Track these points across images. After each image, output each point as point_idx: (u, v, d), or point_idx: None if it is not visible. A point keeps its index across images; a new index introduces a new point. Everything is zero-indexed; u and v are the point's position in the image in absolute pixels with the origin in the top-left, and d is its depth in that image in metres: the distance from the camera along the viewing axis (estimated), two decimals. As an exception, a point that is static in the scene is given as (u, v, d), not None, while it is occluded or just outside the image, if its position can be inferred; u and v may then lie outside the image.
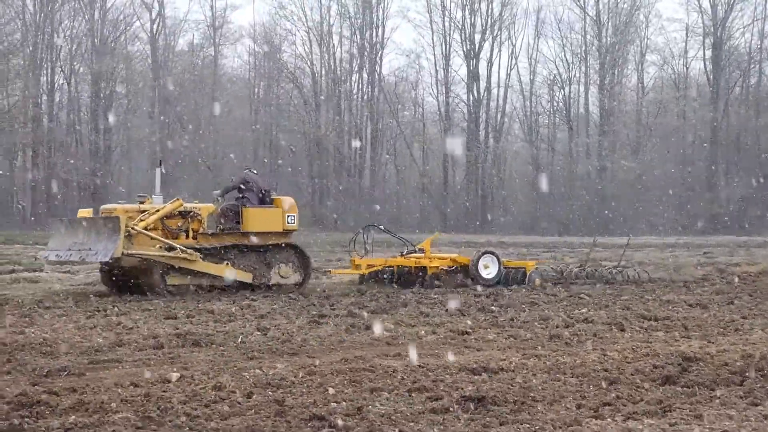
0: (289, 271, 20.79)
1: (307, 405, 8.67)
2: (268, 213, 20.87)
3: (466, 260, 22.84)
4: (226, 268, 19.85)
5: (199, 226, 20.20)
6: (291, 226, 21.04)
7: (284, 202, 21.23)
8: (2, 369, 10.35)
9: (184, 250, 19.25)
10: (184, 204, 20.25)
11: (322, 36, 74.53)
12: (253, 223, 20.57)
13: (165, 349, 12.02)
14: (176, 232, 19.88)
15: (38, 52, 66.15)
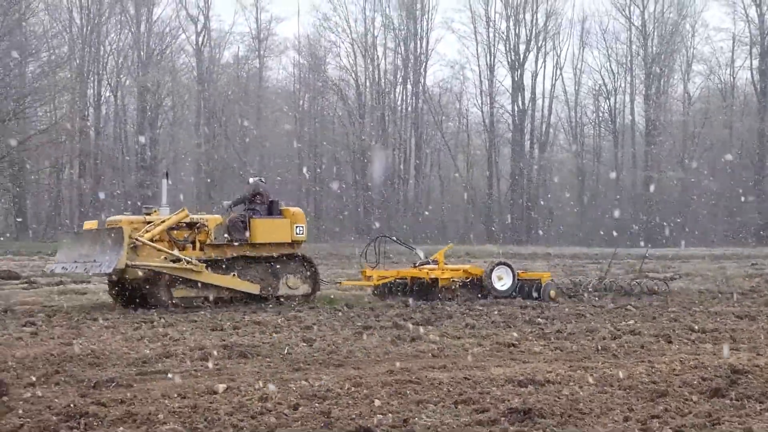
0: (298, 282, 20.60)
1: (354, 417, 8.66)
2: (276, 224, 20.69)
3: (479, 271, 22.38)
4: (233, 279, 19.76)
5: (206, 237, 20.02)
6: (299, 236, 20.78)
7: (292, 212, 21.04)
8: (51, 380, 10.41)
9: (189, 261, 19.10)
10: (190, 215, 20.08)
11: (367, 48, 74.72)
12: (261, 234, 20.36)
13: (212, 360, 12.05)
14: (183, 244, 19.72)
15: (85, 65, 66.79)
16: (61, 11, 66.82)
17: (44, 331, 14.92)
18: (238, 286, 19.84)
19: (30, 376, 10.62)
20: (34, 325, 15.73)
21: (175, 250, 19.38)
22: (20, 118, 58.95)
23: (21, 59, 58.71)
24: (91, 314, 17.66)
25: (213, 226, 20.27)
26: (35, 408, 8.81)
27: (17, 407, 8.83)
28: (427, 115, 75.17)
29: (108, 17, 69.07)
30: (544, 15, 75.77)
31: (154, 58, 69.94)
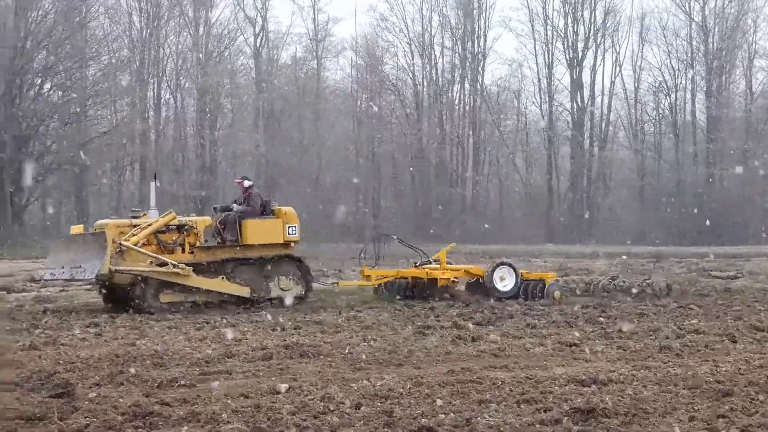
0: (290, 284, 20.13)
1: (416, 416, 8.66)
2: (267, 224, 20.25)
3: (480, 272, 21.92)
4: (221, 282, 19.38)
5: (195, 239, 19.71)
6: (292, 237, 20.35)
7: (284, 212, 20.60)
8: (115, 380, 10.52)
9: (175, 265, 18.75)
10: (179, 217, 19.81)
11: (424, 47, 74.59)
12: (253, 235, 19.95)
13: (273, 360, 12.11)
14: (171, 247, 19.43)
15: (145, 68, 67.34)
16: (121, 15, 67.42)
17: (108, 332, 15.10)
18: (228, 289, 19.44)
19: (95, 377, 10.75)
20: (98, 326, 15.91)
21: (163, 253, 19.16)
22: (82, 121, 59.59)
23: (82, 63, 59.34)
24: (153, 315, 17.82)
25: (202, 228, 19.95)
26: (100, 408, 8.92)
27: (83, 407, 8.95)
28: (485, 114, 74.86)
29: (167, 20, 69.57)
30: (602, 12, 75.12)
31: (213, 60, 70.32)
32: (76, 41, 58.05)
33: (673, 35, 75.83)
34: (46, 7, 57.21)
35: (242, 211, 20.21)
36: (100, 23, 63.41)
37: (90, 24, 61.17)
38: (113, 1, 65.45)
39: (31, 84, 56.51)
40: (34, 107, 55.95)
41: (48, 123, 58.00)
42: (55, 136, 58.14)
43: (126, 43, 66.88)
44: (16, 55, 54.14)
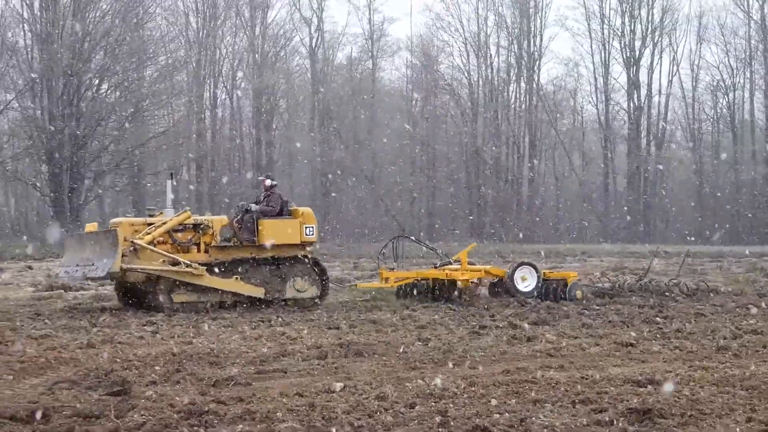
0: (306, 285, 19.81)
1: (470, 416, 8.64)
2: (284, 224, 19.87)
3: (501, 272, 21.59)
4: (235, 282, 19.16)
5: (211, 239, 19.48)
6: (309, 237, 19.93)
7: (302, 212, 20.20)
8: (172, 378, 10.59)
9: (188, 265, 18.62)
10: (194, 216, 19.72)
11: (480, 46, 74.50)
12: (269, 235, 19.57)
13: (328, 359, 12.13)
14: (186, 246, 19.27)
15: (201, 68, 67.81)
16: (178, 15, 67.98)
17: (165, 330, 15.20)
18: (241, 289, 19.22)
19: (151, 375, 10.83)
20: (154, 324, 16.02)
21: (179, 252, 19.07)
22: (138, 122, 60.10)
23: (139, 63, 59.87)
24: (209, 313, 17.94)
25: (218, 227, 19.69)
26: (157, 405, 8.98)
27: (139, 405, 9.01)
28: (541, 113, 74.62)
29: (223, 20, 70.04)
30: (660, 11, 74.63)
31: (269, 61, 70.68)
32: (133, 42, 58.54)
33: (732, 34, 75.18)
34: (104, 8, 57.74)
35: (260, 211, 19.95)
36: (157, 24, 63.99)
37: (147, 25, 61.69)
38: (170, 2, 66.04)
39: (88, 84, 57.06)
40: (91, 107, 56.51)
41: (105, 123, 58.54)
42: (113, 136, 58.67)
43: (183, 44, 67.43)
44: (74, 56, 54.72)
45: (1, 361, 11.66)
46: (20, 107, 58.96)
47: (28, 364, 11.50)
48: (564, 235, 67.11)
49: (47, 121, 54.87)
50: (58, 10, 55.38)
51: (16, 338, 13.98)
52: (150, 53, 61.32)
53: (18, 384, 10.36)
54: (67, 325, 15.95)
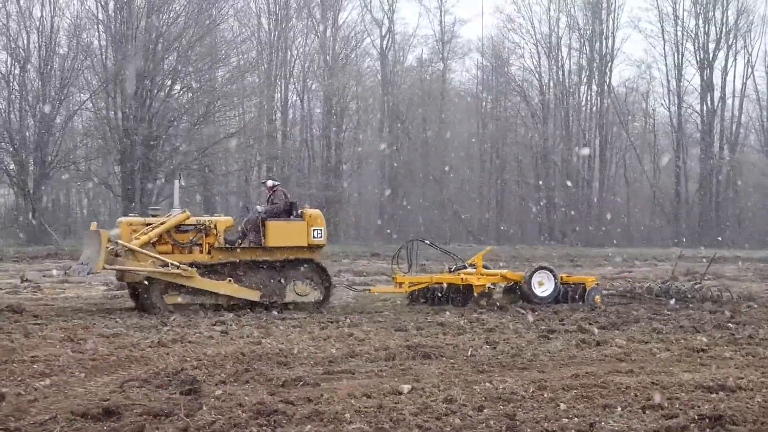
0: (307, 289, 19.29)
1: (539, 420, 8.60)
2: (291, 226, 19.51)
3: (517, 277, 21.14)
4: (229, 285, 18.73)
5: (214, 240, 19.20)
6: (317, 240, 19.53)
7: (310, 214, 19.76)
8: (241, 378, 10.66)
9: (177, 266, 18.28)
10: (197, 217, 19.51)
11: (551, 48, 74.09)
12: (276, 237, 19.32)
13: (396, 360, 12.13)
14: (188, 246, 19.07)
15: (273, 70, 68.20)
16: (250, 17, 68.45)
17: (234, 330, 15.30)
18: (235, 292, 18.81)
19: (221, 374, 10.91)
20: (224, 324, 16.13)
21: (181, 253, 18.91)
22: (210, 123, 60.61)
23: (211, 65, 60.38)
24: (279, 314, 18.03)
25: (222, 228, 19.37)
26: (226, 405, 9.04)
27: (209, 404, 9.09)
28: (612, 115, 73.99)
29: (295, 22, 70.39)
30: (735, 12, 73.68)
31: (340, 62, 70.90)
32: (205, 43, 59.07)
33: (808, 35, 73.96)
34: (177, 10, 58.34)
35: (265, 211, 19.69)
36: (229, 25, 64.50)
37: (219, 26, 62.19)
38: (242, 4, 66.49)
39: (161, 85, 57.69)
40: (163, 108, 57.12)
41: (177, 124, 59.15)
42: (184, 137, 59.25)
43: (254, 45, 67.85)
44: (147, 57, 55.35)
45: (74, 359, 11.81)
46: (94, 108, 59.83)
47: (99, 362, 11.63)
48: (634, 239, 66.51)
49: (120, 121, 55.59)
50: (132, 11, 56.07)
51: (88, 336, 14.16)
52: (222, 55, 61.84)
53: (90, 382, 10.49)
54: (138, 324, 16.14)
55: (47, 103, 56.57)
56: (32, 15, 58.67)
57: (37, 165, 56.76)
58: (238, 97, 63.34)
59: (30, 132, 57.81)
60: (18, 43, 58.36)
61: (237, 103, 64.05)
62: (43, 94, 57.17)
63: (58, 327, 15.32)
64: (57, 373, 10.89)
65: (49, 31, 58.55)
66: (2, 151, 58.70)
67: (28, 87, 58.43)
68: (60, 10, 59.79)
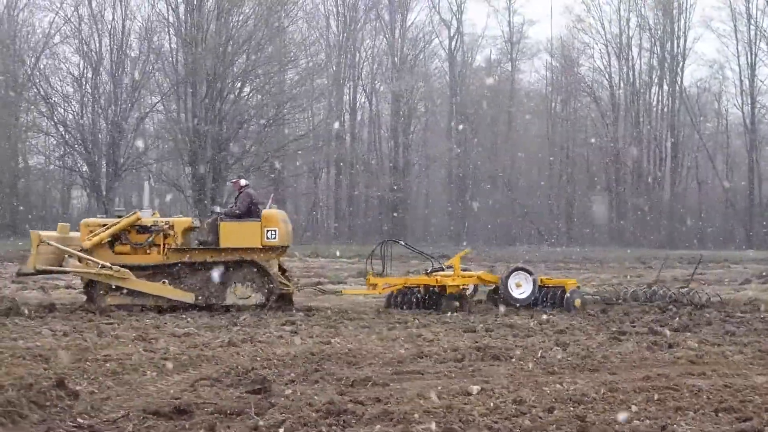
0: (248, 292, 18.81)
1: (610, 422, 8.52)
2: (244, 227, 18.96)
3: (494, 278, 20.52)
4: (163, 286, 18.57)
5: (172, 241, 18.97)
6: (271, 241, 18.90)
7: (265, 215, 19.18)
8: (311, 378, 10.69)
9: (107, 267, 18.27)
10: (156, 218, 19.25)
11: (621, 48, 73.46)
12: (228, 238, 18.83)
13: (465, 361, 12.09)
14: (145, 247, 18.90)
15: (341, 72, 68.44)
16: (319, 19, 68.80)
17: (303, 330, 15.35)
18: (169, 293, 18.56)
19: (291, 374, 10.96)
20: (293, 324, 16.20)
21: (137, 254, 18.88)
22: (279, 124, 61.02)
23: (280, 67, 60.76)
24: (348, 314, 18.07)
25: (180, 229, 19.13)
26: (296, 404, 9.07)
27: (279, 403, 9.13)
28: (683, 116, 73.16)
29: (363, 24, 70.59)
30: (810, 11, 72.52)
31: (408, 64, 70.94)
32: (274, 45, 59.44)
33: None
34: (246, 12, 58.84)
35: (224, 213, 19.50)
36: (298, 27, 64.85)
37: (288, 28, 62.56)
38: (311, 6, 66.83)
39: (231, 87, 58.19)
40: (233, 110, 57.60)
41: (247, 126, 59.61)
42: (254, 138, 59.69)
43: (323, 47, 68.16)
44: (217, 60, 55.85)
45: (146, 358, 11.93)
46: (165, 110, 60.50)
47: (171, 362, 11.74)
48: (707, 242, 65.69)
49: (191, 123, 56.14)
50: (202, 14, 56.64)
51: (159, 336, 14.30)
52: (291, 57, 62.19)
53: (161, 381, 10.59)
54: (209, 323, 16.27)
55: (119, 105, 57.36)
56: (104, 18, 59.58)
57: (110, 166, 57.55)
58: (307, 99, 63.64)
59: (102, 134, 58.66)
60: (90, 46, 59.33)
61: (306, 105, 64.35)
62: (115, 96, 57.96)
63: (130, 326, 15.49)
64: (129, 371, 11.00)
65: (121, 34, 59.47)
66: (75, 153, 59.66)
67: (100, 90, 59.35)
68: (131, 14, 60.77)
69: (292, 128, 64.41)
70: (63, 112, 60.45)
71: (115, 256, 18.81)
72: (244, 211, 19.32)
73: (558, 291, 20.17)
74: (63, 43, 61.21)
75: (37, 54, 60.78)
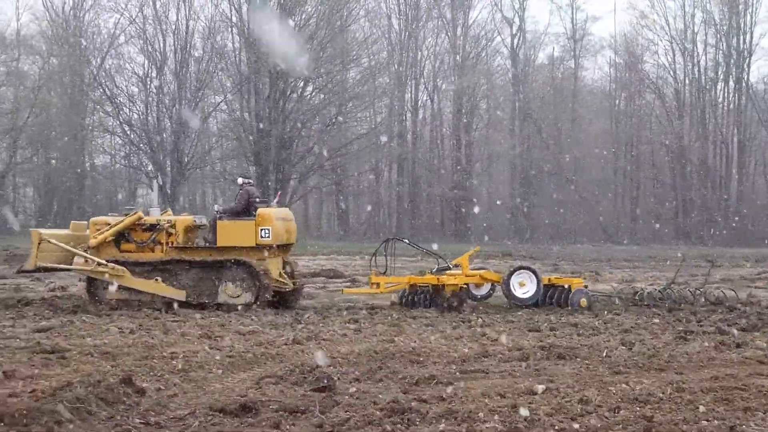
0: (238, 290, 18.90)
1: (677, 422, 8.45)
2: (239, 226, 19.13)
3: (497, 277, 20.18)
4: (156, 284, 18.81)
5: (173, 239, 19.23)
6: (265, 240, 18.97)
7: (259, 214, 19.23)
8: (375, 377, 10.70)
9: (104, 264, 18.66)
10: (159, 217, 19.62)
11: (686, 44, 72.69)
12: (224, 237, 19.07)
13: (530, 361, 12.04)
14: (148, 245, 19.24)
15: (403, 70, 68.43)
16: (381, 17, 68.80)
17: (367, 329, 15.38)
18: (161, 291, 18.86)
19: (355, 372, 10.98)
20: (357, 323, 16.24)
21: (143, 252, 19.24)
22: (341, 123, 61.15)
23: (342, 66, 60.90)
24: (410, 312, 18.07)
25: (181, 227, 19.41)
26: (360, 402, 9.10)
27: (343, 401, 9.15)
28: (750, 112, 72.21)
29: (425, 22, 70.53)
30: None
31: (470, 61, 70.77)
32: (337, 44, 59.59)
33: None
34: (309, 11, 59.02)
35: (223, 211, 19.76)
36: (360, 26, 64.90)
37: (350, 27, 62.66)
38: (373, 4, 66.85)
39: (293, 87, 58.40)
40: (296, 109, 57.84)
41: (310, 125, 59.83)
42: (316, 137, 59.90)
43: (385, 46, 68.19)
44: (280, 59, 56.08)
45: (211, 356, 12.02)
46: (228, 109, 60.92)
47: (236, 359, 11.82)
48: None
49: (254, 122, 56.48)
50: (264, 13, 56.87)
51: (224, 334, 14.40)
52: (353, 55, 62.29)
53: (227, 378, 10.67)
54: (274, 321, 16.36)
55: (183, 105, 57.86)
56: (168, 18, 60.09)
57: (174, 166, 58.08)
58: (369, 98, 63.71)
59: (167, 133, 59.20)
60: (154, 46, 59.85)
61: (368, 104, 64.43)
62: (179, 96, 58.47)
63: (196, 324, 15.62)
64: (195, 369, 11.11)
65: (185, 34, 59.89)
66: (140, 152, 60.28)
67: (164, 90, 59.86)
68: (195, 14, 61.14)
69: (354, 127, 64.54)
70: (128, 112, 61.15)
71: (121, 254, 19.30)
72: (242, 209, 19.60)
73: (563, 290, 19.78)
74: (128, 44, 61.88)
75: (103, 54, 61.52)
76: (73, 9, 63.24)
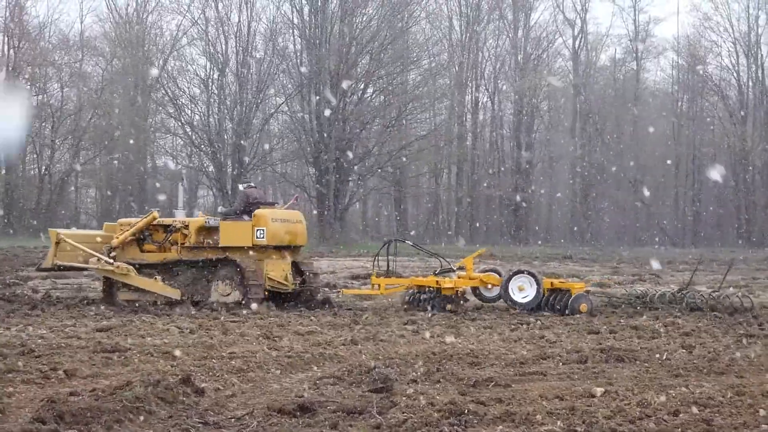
0: (228, 289, 19.07)
1: (737, 426, 8.37)
2: (237, 226, 19.34)
3: (496, 281, 19.72)
4: (154, 282, 18.99)
5: (185, 239, 19.52)
6: (260, 240, 19.06)
7: (256, 214, 19.28)
8: (432, 378, 10.70)
9: (108, 263, 18.96)
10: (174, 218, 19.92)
11: (750, 46, 71.92)
12: (225, 237, 19.29)
13: (589, 363, 11.97)
14: (163, 245, 19.66)
15: (464, 72, 68.38)
16: (442, 19, 68.86)
17: (425, 330, 15.37)
18: (158, 289, 19.00)
19: (412, 373, 10.98)
20: (415, 324, 16.24)
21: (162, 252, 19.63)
22: (402, 125, 61.22)
23: (403, 67, 60.98)
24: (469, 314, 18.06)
25: (194, 228, 19.64)
26: (417, 404, 9.09)
27: (401, 402, 9.15)
28: (815, 115, 71.34)
29: (486, 24, 70.46)
30: None
31: (531, 63, 70.60)
32: (397, 46, 59.68)
33: None
34: (370, 13, 59.21)
35: (223, 213, 20.41)
36: (421, 28, 65.00)
37: (411, 29, 62.75)
38: (434, 6, 66.91)
39: (354, 88, 58.57)
40: (357, 111, 58.00)
41: (370, 126, 59.96)
42: (377, 139, 60.02)
43: (445, 47, 68.19)
44: (340, 60, 56.30)
45: (270, 356, 12.08)
46: (289, 111, 61.22)
47: (294, 359, 11.87)
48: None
49: (314, 124, 56.72)
50: (326, 15, 57.17)
51: (283, 334, 14.47)
52: (414, 57, 62.36)
53: (285, 378, 10.72)
54: (332, 321, 16.41)
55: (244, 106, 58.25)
56: (230, 20, 60.54)
57: (235, 167, 58.49)
58: (429, 100, 63.74)
59: (228, 135, 59.64)
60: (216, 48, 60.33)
61: (428, 106, 64.47)
62: (240, 98, 58.87)
63: (255, 324, 15.71)
64: (254, 369, 11.17)
65: (246, 35, 60.33)
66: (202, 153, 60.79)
67: (226, 91, 60.32)
68: (257, 15, 61.58)
69: (414, 128, 64.60)
70: (190, 113, 61.81)
71: (142, 254, 19.77)
72: (240, 211, 19.78)
73: (564, 295, 19.24)
74: (190, 45, 62.55)
75: (165, 56, 62.21)
76: (136, 11, 64.08)
